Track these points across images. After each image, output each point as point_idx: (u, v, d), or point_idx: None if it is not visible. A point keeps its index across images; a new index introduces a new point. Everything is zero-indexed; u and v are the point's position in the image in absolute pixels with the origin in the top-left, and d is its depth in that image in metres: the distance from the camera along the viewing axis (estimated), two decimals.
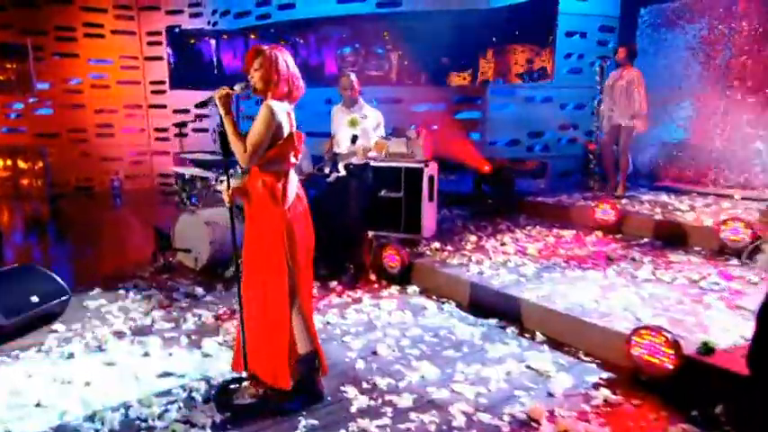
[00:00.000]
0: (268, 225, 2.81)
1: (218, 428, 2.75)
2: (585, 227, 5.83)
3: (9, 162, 10.57)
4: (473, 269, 4.64)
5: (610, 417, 2.79)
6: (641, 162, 7.32)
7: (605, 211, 5.66)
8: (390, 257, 4.98)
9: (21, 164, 10.66)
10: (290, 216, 2.84)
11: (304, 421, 2.78)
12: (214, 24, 9.80)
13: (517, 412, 2.84)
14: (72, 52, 10.46)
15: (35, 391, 3.08)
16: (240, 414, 2.83)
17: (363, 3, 7.86)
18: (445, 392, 3.06)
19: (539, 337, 3.76)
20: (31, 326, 3.93)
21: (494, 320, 4.03)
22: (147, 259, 5.70)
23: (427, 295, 4.63)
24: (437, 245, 5.39)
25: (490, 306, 4.18)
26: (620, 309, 3.66)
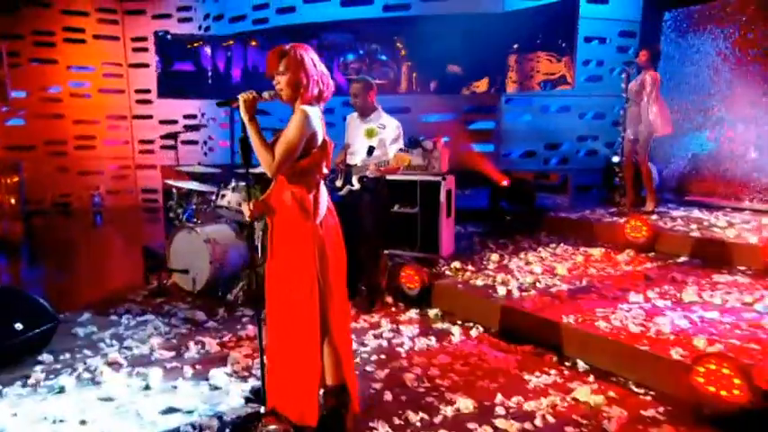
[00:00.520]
0: (297, 241, 2.69)
1: None
2: (614, 245, 5.74)
3: None
4: (500, 290, 4.52)
5: None
6: (668, 175, 7.27)
7: (637, 228, 5.57)
8: (409, 278, 4.86)
9: None
10: (321, 231, 2.72)
11: None
12: (206, 29, 9.72)
13: None
14: (50, 58, 10.32)
15: None
16: None
17: (369, 6, 7.83)
18: (488, 430, 2.91)
19: (581, 365, 3.63)
20: (14, 356, 3.73)
21: (528, 347, 3.91)
22: (139, 281, 5.55)
23: (451, 319, 4.50)
24: (457, 264, 5.27)
25: (523, 331, 4.05)
26: (670, 334, 3.54)
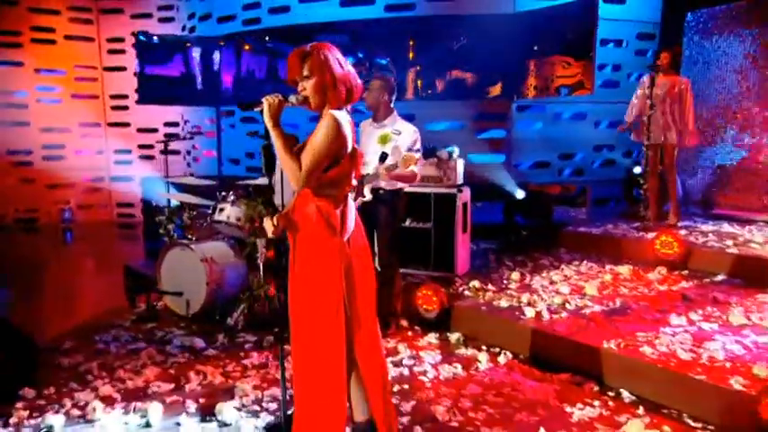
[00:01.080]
0: (322, 260, 2.58)
1: None
2: (643, 262, 5.69)
3: None
4: (528, 312, 4.43)
5: None
6: (692, 187, 7.27)
7: (668, 245, 5.53)
8: (426, 299, 4.75)
9: None
10: (348, 250, 2.62)
11: None
12: (191, 30, 9.62)
13: None
14: (16, 60, 10.17)
15: None
16: None
17: (370, 6, 7.78)
18: None
19: (626, 395, 3.54)
20: None
21: (566, 375, 3.81)
22: (123, 304, 5.38)
23: (474, 344, 4.40)
24: (476, 283, 5.18)
25: (558, 357, 3.96)
26: (725, 361, 3.47)
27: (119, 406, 3.45)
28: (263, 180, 5.14)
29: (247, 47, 8.66)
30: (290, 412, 2.77)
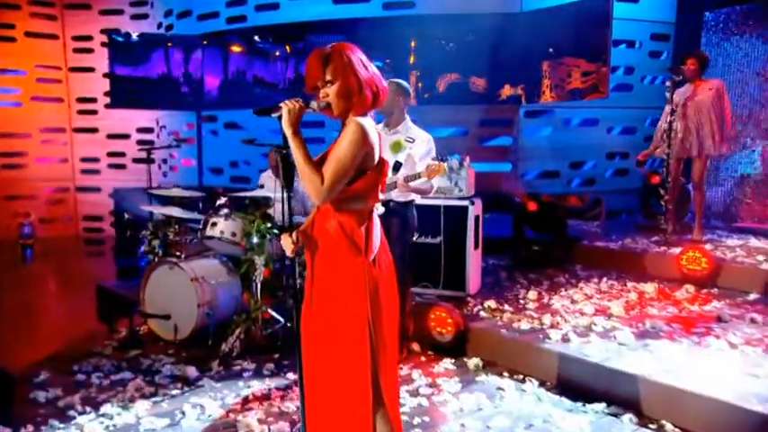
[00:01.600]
0: (345, 284, 2.48)
1: None
2: (667, 279, 5.68)
3: None
4: (553, 335, 4.37)
5: None
6: (713, 199, 7.30)
7: (695, 260, 5.51)
8: (440, 321, 4.67)
9: None
10: (375, 271, 2.51)
11: None
12: (168, 28, 9.47)
13: None
14: None
15: None
16: None
17: (367, 4, 7.73)
18: None
19: (668, 427, 3.48)
20: None
21: (600, 405, 3.74)
22: (100, 329, 5.24)
23: (495, 370, 4.34)
24: (492, 303, 5.11)
25: (590, 386, 3.89)
26: None
27: None
28: (260, 192, 5.04)
29: (237, 48, 8.52)
30: None
